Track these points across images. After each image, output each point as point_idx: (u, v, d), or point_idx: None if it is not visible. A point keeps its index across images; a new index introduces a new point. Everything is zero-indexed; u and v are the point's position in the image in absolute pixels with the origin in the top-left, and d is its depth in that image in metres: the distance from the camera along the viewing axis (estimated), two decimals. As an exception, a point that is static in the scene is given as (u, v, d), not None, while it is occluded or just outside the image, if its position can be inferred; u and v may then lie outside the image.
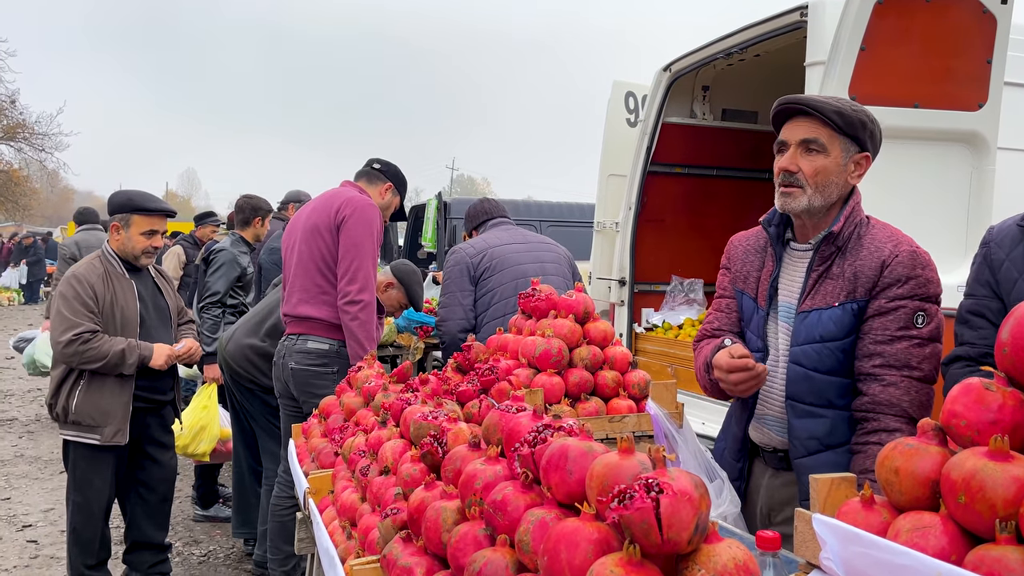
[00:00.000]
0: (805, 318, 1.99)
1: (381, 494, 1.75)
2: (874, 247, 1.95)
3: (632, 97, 5.58)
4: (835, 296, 1.95)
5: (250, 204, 5.57)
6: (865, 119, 1.99)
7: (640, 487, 0.95)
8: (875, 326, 1.91)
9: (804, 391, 1.99)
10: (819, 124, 1.96)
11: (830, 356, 1.95)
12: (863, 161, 2.01)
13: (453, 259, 3.94)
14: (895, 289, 1.90)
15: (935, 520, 0.96)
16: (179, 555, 4.59)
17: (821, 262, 2.01)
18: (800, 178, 1.97)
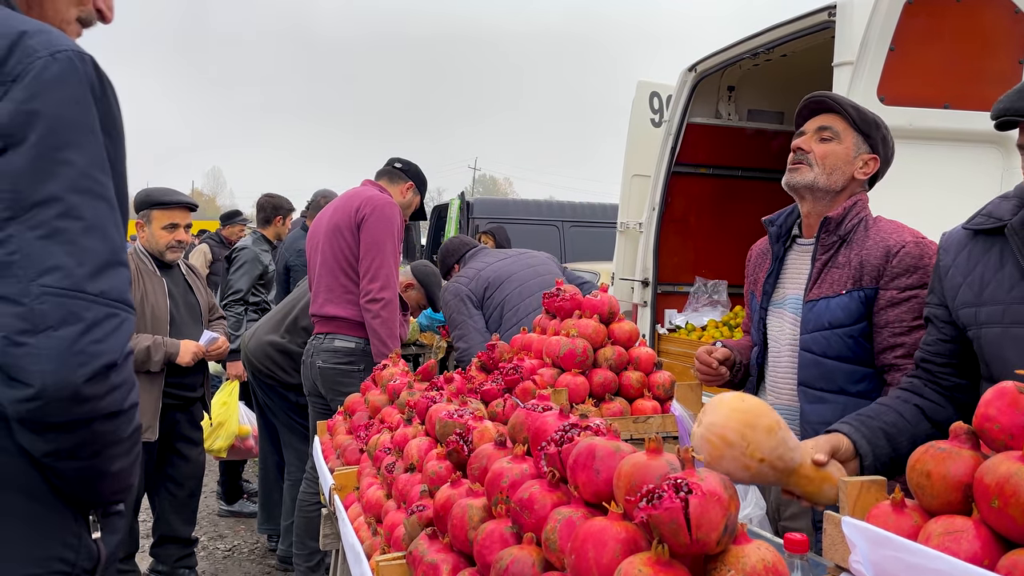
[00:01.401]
0: (813, 306, 2.05)
1: (407, 491, 1.77)
2: (879, 237, 2.01)
3: (656, 97, 5.57)
4: (842, 284, 2.02)
5: (271, 203, 5.63)
6: (879, 122, 2.12)
7: (669, 487, 0.95)
8: (891, 318, 1.96)
9: (815, 376, 2.04)
10: (837, 117, 2.11)
11: (839, 342, 2.00)
12: (871, 162, 2.11)
13: (449, 295, 3.99)
14: (904, 279, 1.95)
15: (967, 524, 0.95)
16: (204, 549, 4.64)
17: (824, 251, 2.07)
18: (810, 158, 2.09)
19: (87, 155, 1.10)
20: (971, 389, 1.71)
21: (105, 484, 1.19)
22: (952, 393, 1.73)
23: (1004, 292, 1.57)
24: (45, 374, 1.03)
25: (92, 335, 1.06)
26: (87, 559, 1.20)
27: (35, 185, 1.06)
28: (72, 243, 1.07)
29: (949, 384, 1.73)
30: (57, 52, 1.09)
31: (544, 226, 10.78)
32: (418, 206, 3.94)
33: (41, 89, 1.07)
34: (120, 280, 1.12)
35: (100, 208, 1.11)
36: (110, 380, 1.09)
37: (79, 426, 1.09)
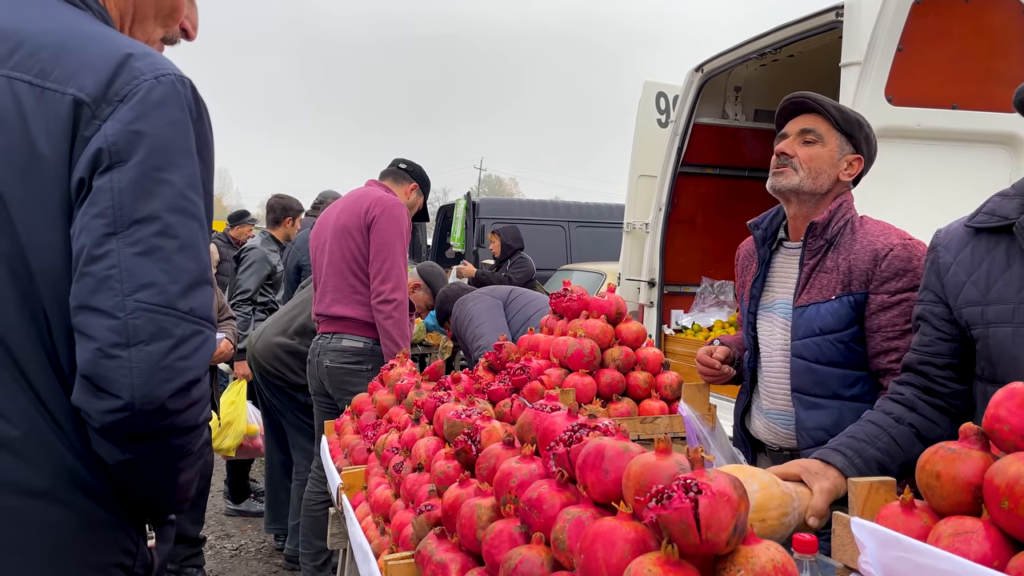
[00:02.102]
0: (803, 312, 2.04)
1: (415, 491, 1.77)
2: (866, 240, 2.00)
3: (663, 97, 5.56)
4: (831, 290, 2.01)
5: (281, 204, 5.65)
6: (862, 120, 2.11)
7: (679, 487, 0.95)
8: (883, 323, 1.95)
9: (808, 383, 2.04)
10: (819, 118, 2.09)
11: (830, 348, 2.00)
12: (856, 163, 2.10)
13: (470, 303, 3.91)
14: (894, 283, 1.94)
15: (977, 525, 0.96)
16: (211, 548, 4.66)
17: (811, 255, 2.07)
18: (794, 162, 2.08)
19: (185, 176, 1.14)
20: (969, 396, 1.68)
21: (170, 495, 1.22)
22: (948, 401, 1.69)
23: (1013, 291, 1.56)
24: (135, 387, 1.06)
25: (180, 351, 1.09)
26: (142, 566, 1.24)
27: (136, 203, 1.09)
28: (167, 261, 1.10)
29: (947, 391, 1.69)
30: (162, 76, 1.14)
31: (550, 226, 10.79)
32: (421, 207, 3.95)
33: (146, 111, 1.11)
34: (207, 298, 1.15)
35: (193, 227, 1.14)
36: (191, 395, 1.12)
37: (158, 438, 1.12)
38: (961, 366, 1.68)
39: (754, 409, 2.24)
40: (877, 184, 3.28)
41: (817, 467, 1.60)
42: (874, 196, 3.25)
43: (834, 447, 1.67)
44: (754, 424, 2.23)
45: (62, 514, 1.13)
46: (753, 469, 1.44)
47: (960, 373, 1.69)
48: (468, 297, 4.01)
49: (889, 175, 3.30)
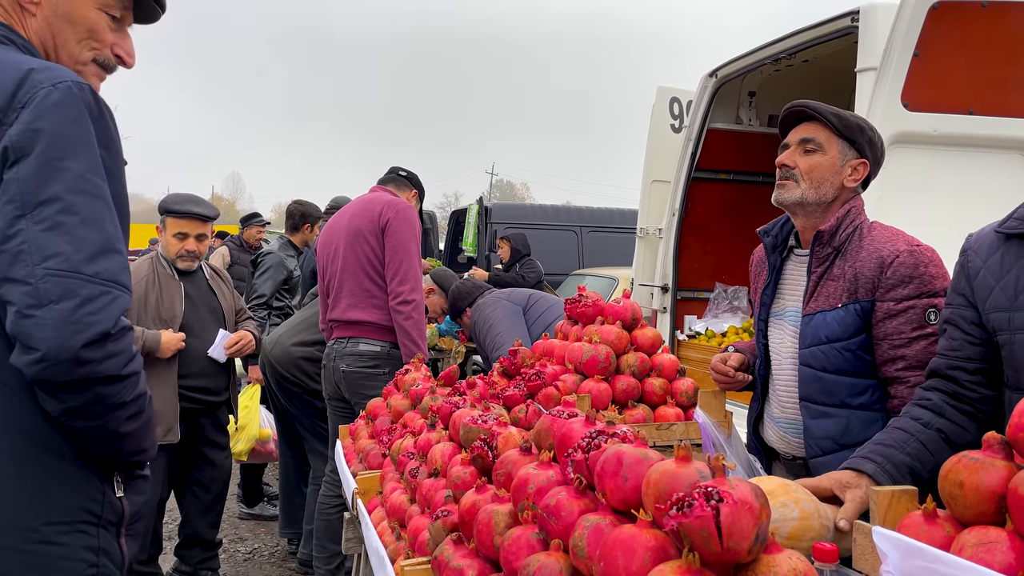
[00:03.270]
0: (810, 320, 2.03)
1: (431, 496, 1.77)
2: (873, 248, 1.97)
3: (677, 103, 5.55)
4: (837, 297, 1.99)
5: (300, 210, 5.67)
6: (864, 125, 2.07)
7: (700, 495, 0.95)
8: (890, 330, 1.93)
9: (816, 391, 2.02)
10: (819, 126, 2.06)
11: (837, 356, 1.98)
12: (860, 167, 2.06)
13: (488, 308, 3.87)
14: (900, 290, 1.92)
15: (1001, 535, 0.95)
16: (225, 552, 4.67)
17: (819, 263, 2.05)
18: (796, 173, 2.06)
19: (84, 163, 1.31)
20: (998, 402, 1.66)
21: (118, 445, 1.38)
22: (977, 407, 1.67)
23: None
24: (49, 340, 1.22)
25: (87, 308, 1.25)
26: (111, 513, 1.41)
27: (39, 188, 1.26)
28: (70, 233, 1.26)
29: (976, 396, 1.67)
30: (58, 82, 1.31)
31: (562, 231, 10.78)
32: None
33: (44, 112, 1.29)
34: (113, 264, 1.30)
35: (96, 205, 1.30)
36: (106, 348, 1.27)
37: (82, 387, 1.27)
38: (990, 371, 1.66)
39: (766, 417, 2.23)
40: (894, 190, 3.27)
41: (849, 477, 1.59)
42: (891, 202, 3.23)
43: (864, 455, 1.66)
44: (767, 432, 2.22)
45: (19, 465, 1.31)
46: (798, 494, 1.41)
47: (989, 378, 1.67)
48: (486, 302, 3.99)
49: (906, 181, 3.29)
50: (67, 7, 1.46)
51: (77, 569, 1.36)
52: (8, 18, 1.44)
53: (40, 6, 1.45)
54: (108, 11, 1.50)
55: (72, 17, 1.47)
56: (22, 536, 1.30)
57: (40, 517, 1.32)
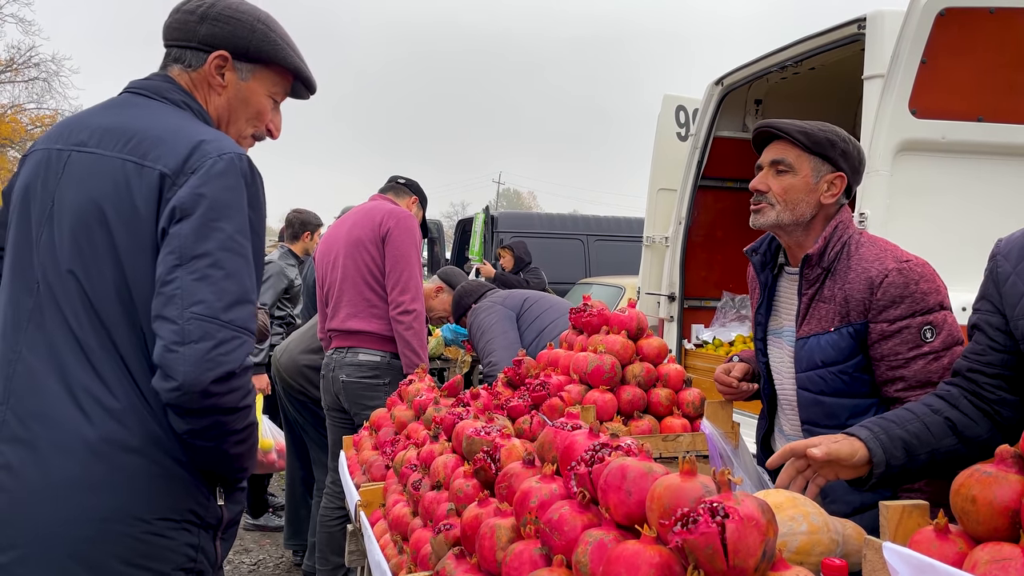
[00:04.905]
0: (804, 344, 2.00)
1: (433, 509, 1.75)
2: (861, 268, 1.93)
3: (683, 111, 5.55)
4: (830, 321, 1.96)
5: (299, 218, 5.67)
6: (834, 138, 2.01)
7: (705, 511, 0.93)
8: (886, 351, 1.89)
9: (817, 415, 2.00)
10: (788, 145, 2.03)
11: (834, 380, 1.95)
12: (837, 181, 2.01)
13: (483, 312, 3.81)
14: (892, 311, 1.88)
15: (1016, 552, 0.92)
16: (229, 563, 4.65)
17: (808, 285, 2.02)
18: (769, 196, 2.03)
19: (234, 225, 1.54)
20: (1018, 406, 1.64)
21: (227, 462, 1.61)
22: (994, 407, 1.65)
23: None
24: (186, 373, 1.44)
25: (220, 349, 1.46)
26: (213, 517, 1.64)
27: (196, 244, 1.49)
28: (215, 285, 1.49)
29: (994, 398, 1.65)
30: (223, 154, 1.56)
31: (569, 240, 10.78)
32: (421, 221, 3.96)
33: (208, 179, 1.53)
34: (246, 313, 1.53)
35: (238, 262, 1.54)
36: (231, 384, 1.48)
37: (207, 414, 1.49)
38: (1012, 377, 1.64)
39: (776, 432, 2.20)
40: (903, 197, 3.25)
41: (839, 437, 1.62)
42: (900, 209, 3.21)
43: (862, 424, 1.67)
44: (777, 447, 2.18)
45: (147, 466, 1.52)
46: (806, 507, 1.39)
47: (1011, 384, 1.64)
48: (481, 307, 3.95)
49: (915, 188, 3.27)
50: (246, 93, 1.77)
51: (177, 561, 1.56)
52: (193, 89, 1.73)
53: (227, 88, 1.75)
54: (273, 97, 1.82)
55: (248, 101, 1.78)
56: (137, 526, 1.51)
57: (154, 512, 1.53)
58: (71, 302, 1.53)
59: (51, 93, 27.27)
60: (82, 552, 1.47)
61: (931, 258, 2.02)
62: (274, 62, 1.77)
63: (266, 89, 1.79)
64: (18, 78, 27.18)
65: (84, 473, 1.48)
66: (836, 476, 1.64)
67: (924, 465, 1.65)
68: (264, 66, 1.77)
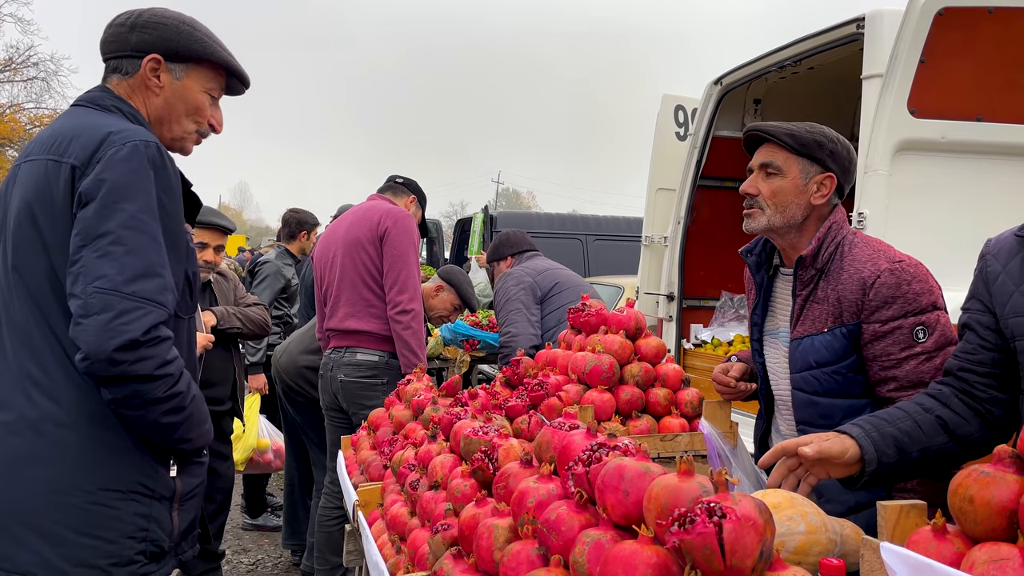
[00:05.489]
0: (799, 345, 2.00)
1: (431, 509, 1.75)
2: (854, 269, 1.93)
3: (682, 110, 5.54)
4: (823, 322, 1.96)
5: (296, 218, 5.67)
6: (822, 139, 2.02)
7: (702, 511, 0.92)
8: (878, 352, 1.90)
9: (812, 415, 2.00)
10: (776, 148, 2.04)
11: (828, 380, 1.96)
12: (827, 182, 2.02)
13: (513, 280, 3.93)
14: (884, 311, 1.88)
15: (1013, 552, 0.92)
16: (228, 563, 4.65)
17: (803, 286, 2.02)
18: (760, 200, 2.04)
19: (137, 205, 1.64)
20: (1009, 405, 1.65)
21: (163, 433, 1.70)
22: (985, 406, 1.67)
23: None
24: (90, 343, 1.55)
25: (121, 319, 1.57)
26: (165, 488, 1.74)
27: (98, 224, 1.61)
28: (116, 260, 1.59)
29: (985, 396, 1.66)
30: (127, 142, 1.67)
31: (567, 239, 10.76)
32: (420, 220, 3.95)
33: (110, 165, 1.64)
34: (152, 286, 1.62)
35: (142, 239, 1.63)
36: (138, 352, 1.58)
37: (120, 383, 1.59)
38: (1002, 376, 1.65)
39: (774, 432, 2.20)
40: (902, 197, 3.24)
41: (830, 435, 1.64)
42: (899, 209, 3.21)
43: (854, 422, 1.68)
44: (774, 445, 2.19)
45: (85, 440, 1.65)
46: (804, 507, 1.39)
47: (1001, 382, 1.65)
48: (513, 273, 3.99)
49: (914, 188, 3.26)
50: (182, 91, 1.88)
51: (125, 530, 1.67)
52: (131, 95, 1.86)
53: (163, 89, 1.86)
54: (210, 93, 1.92)
55: (185, 98, 1.88)
56: (81, 496, 1.64)
57: (96, 483, 1.65)
58: (17, 296, 1.68)
59: (50, 93, 27.26)
60: (36, 523, 1.62)
61: (929, 258, 2.02)
62: (204, 58, 1.88)
63: (201, 86, 1.89)
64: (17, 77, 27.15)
65: (30, 450, 1.63)
66: (828, 475, 1.65)
67: (916, 463, 1.67)
68: (196, 64, 1.88)
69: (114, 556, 1.66)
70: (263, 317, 3.99)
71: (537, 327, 3.76)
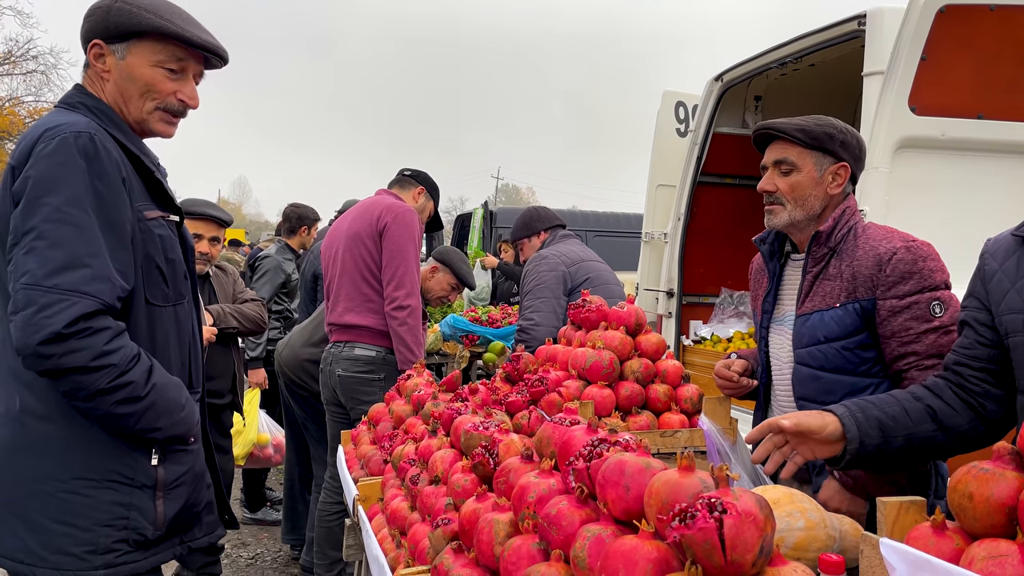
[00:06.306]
0: (807, 320, 2.03)
1: (431, 504, 1.75)
2: (869, 246, 1.97)
3: (682, 107, 5.54)
4: (835, 297, 1.99)
5: (297, 213, 5.66)
6: (832, 131, 2.06)
7: (703, 506, 0.93)
8: (896, 328, 1.92)
9: (813, 391, 2.02)
10: (787, 144, 2.07)
11: (836, 355, 1.98)
12: (841, 171, 2.07)
13: (547, 265, 3.81)
14: (901, 287, 1.91)
15: (1012, 548, 0.93)
16: (227, 557, 4.66)
17: (815, 263, 2.06)
18: (779, 196, 2.08)
19: (62, 197, 1.62)
20: (1003, 400, 1.68)
21: (122, 423, 1.70)
22: (978, 399, 1.69)
23: None
24: (17, 339, 1.58)
25: (43, 313, 1.57)
26: (145, 477, 1.76)
27: (24, 222, 1.62)
28: (39, 255, 1.60)
29: (979, 390, 1.69)
30: (56, 136, 1.66)
31: (567, 236, 10.74)
32: (432, 212, 3.93)
33: (37, 161, 1.65)
34: (75, 277, 1.60)
35: (65, 231, 1.62)
36: (66, 344, 1.57)
37: (57, 375, 1.61)
38: (998, 372, 1.68)
39: None
40: (902, 194, 3.24)
41: (813, 412, 1.67)
42: (899, 206, 3.21)
43: (841, 403, 1.71)
44: None
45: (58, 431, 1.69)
46: (804, 504, 1.40)
47: (996, 378, 1.68)
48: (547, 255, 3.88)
49: (915, 185, 3.26)
50: (128, 70, 1.80)
51: (102, 519, 1.69)
52: (92, 86, 1.84)
53: (110, 72, 1.81)
54: (163, 66, 1.82)
55: (132, 77, 1.81)
56: (56, 485, 1.67)
57: (68, 472, 1.68)
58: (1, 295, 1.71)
59: (49, 86, 27.21)
60: (19, 511, 1.68)
61: (930, 255, 2.02)
62: (140, 31, 1.78)
63: (147, 60, 1.81)
64: (16, 71, 27.11)
65: (12, 440, 1.70)
66: (813, 454, 1.67)
67: (901, 449, 1.69)
68: (137, 39, 1.79)
69: (89, 544, 1.69)
70: (259, 314, 4.00)
71: (561, 319, 3.69)
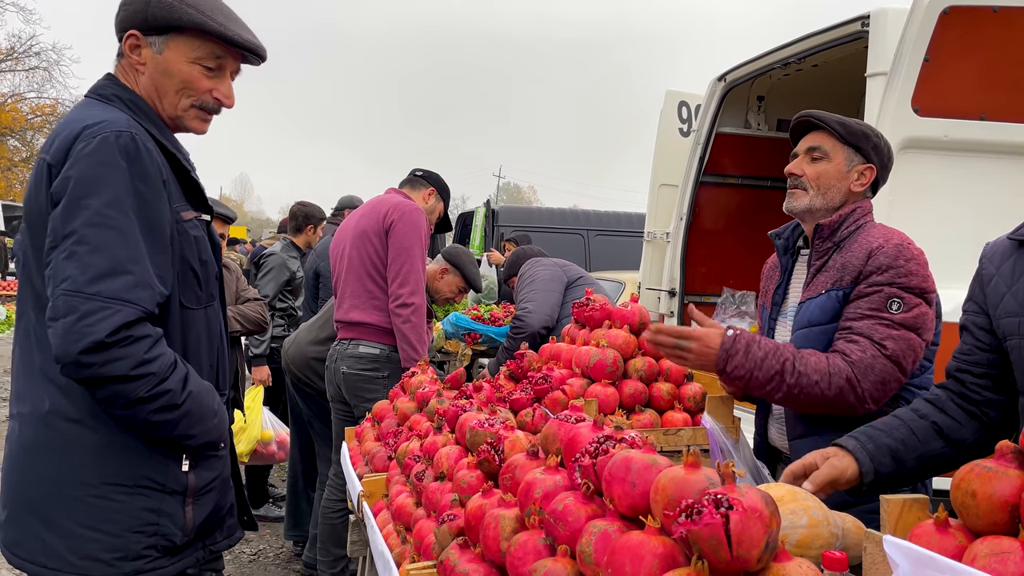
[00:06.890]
0: (801, 308, 2.08)
1: (437, 500, 1.77)
2: (866, 241, 2.01)
3: (685, 106, 5.54)
4: (823, 285, 2.04)
5: (303, 211, 5.67)
6: (868, 131, 2.12)
7: (709, 502, 0.94)
8: (850, 308, 1.97)
9: None
10: (824, 134, 2.12)
11: (816, 340, 2.01)
12: (867, 172, 2.10)
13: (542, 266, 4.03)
14: (876, 276, 1.95)
15: (1015, 546, 0.94)
16: (230, 553, 4.67)
17: (818, 256, 2.10)
18: (804, 181, 2.11)
19: (103, 199, 1.57)
20: (1005, 406, 1.68)
21: (157, 431, 1.66)
22: (981, 408, 1.70)
23: None
24: (57, 346, 1.53)
25: (85, 321, 1.52)
26: (177, 483, 1.72)
27: (64, 225, 1.56)
28: (80, 260, 1.54)
29: (980, 399, 1.70)
30: (97, 135, 1.60)
31: (569, 235, 10.76)
32: (442, 213, 3.94)
33: (77, 161, 1.58)
34: (118, 284, 1.55)
35: (107, 235, 1.56)
36: (108, 353, 1.53)
37: (97, 384, 1.56)
38: (999, 377, 1.68)
39: (770, 417, 2.25)
40: (905, 195, 3.25)
41: (831, 451, 1.69)
42: (902, 207, 3.21)
43: (851, 434, 1.73)
44: (771, 431, 2.24)
45: (90, 435, 1.64)
46: (807, 501, 1.41)
47: (997, 383, 1.69)
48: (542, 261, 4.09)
49: (917, 186, 3.27)
50: (164, 65, 1.74)
51: (132, 524, 1.66)
52: (125, 77, 1.77)
53: (145, 65, 1.75)
54: (201, 63, 1.76)
55: (169, 72, 1.75)
56: (84, 490, 1.63)
57: (99, 477, 1.64)
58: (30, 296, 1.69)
59: (52, 82, 27.27)
60: (42, 513, 1.64)
61: (932, 256, 2.04)
62: (180, 26, 1.72)
63: (186, 56, 1.75)
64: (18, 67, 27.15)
65: (38, 441, 1.66)
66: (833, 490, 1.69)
67: (914, 469, 1.71)
68: (177, 34, 1.73)
69: (119, 550, 1.65)
70: (260, 314, 4.01)
71: (555, 311, 3.81)
